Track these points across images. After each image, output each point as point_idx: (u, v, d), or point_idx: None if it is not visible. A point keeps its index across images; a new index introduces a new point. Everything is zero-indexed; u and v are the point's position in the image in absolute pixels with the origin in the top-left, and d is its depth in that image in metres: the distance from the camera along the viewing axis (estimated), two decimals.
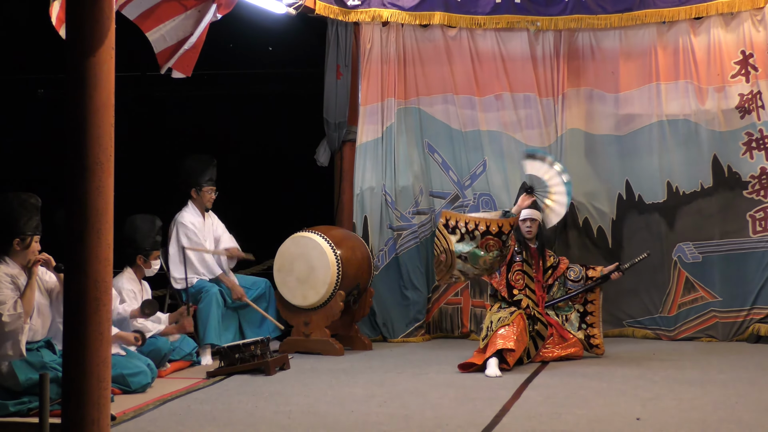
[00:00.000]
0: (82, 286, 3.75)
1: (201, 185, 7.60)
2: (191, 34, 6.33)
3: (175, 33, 6.35)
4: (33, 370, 5.43)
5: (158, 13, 6.25)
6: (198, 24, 6.33)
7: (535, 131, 8.32)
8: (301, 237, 7.59)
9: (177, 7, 6.32)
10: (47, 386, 3.88)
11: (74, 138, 3.76)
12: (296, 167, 9.41)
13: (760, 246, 7.98)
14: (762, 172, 7.98)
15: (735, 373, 6.61)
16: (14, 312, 5.37)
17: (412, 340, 8.22)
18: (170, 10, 6.31)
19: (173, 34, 6.34)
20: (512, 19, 8.26)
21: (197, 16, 6.33)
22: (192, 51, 6.38)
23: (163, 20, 6.28)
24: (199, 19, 6.32)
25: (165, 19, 6.28)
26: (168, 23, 6.30)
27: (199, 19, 6.32)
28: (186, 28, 6.33)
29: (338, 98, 8.42)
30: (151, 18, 6.25)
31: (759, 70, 7.96)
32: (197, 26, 6.33)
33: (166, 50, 6.36)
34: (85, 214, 3.75)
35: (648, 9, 8.09)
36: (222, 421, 5.36)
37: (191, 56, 6.41)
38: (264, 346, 6.76)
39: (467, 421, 5.28)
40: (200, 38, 6.39)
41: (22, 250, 5.58)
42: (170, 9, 6.31)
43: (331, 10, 8.21)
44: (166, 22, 6.29)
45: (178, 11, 6.33)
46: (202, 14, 6.33)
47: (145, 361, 6.22)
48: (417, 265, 8.35)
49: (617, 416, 5.38)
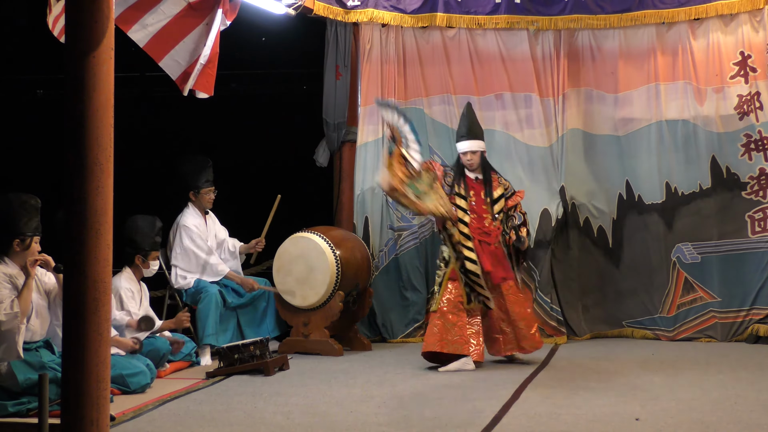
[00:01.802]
0: (82, 287, 3.75)
1: (199, 187, 7.60)
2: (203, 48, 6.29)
3: (188, 53, 6.32)
4: (32, 370, 5.43)
5: (166, 37, 6.21)
6: (207, 37, 6.30)
7: (535, 131, 8.33)
8: (300, 237, 7.59)
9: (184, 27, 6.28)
10: (46, 387, 3.89)
11: (73, 138, 3.76)
12: (295, 168, 9.41)
13: (759, 246, 7.98)
14: (761, 173, 7.98)
15: (734, 373, 6.61)
16: (11, 311, 5.37)
17: (412, 341, 8.22)
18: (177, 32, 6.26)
19: (186, 56, 6.29)
20: (512, 19, 8.27)
21: (206, 29, 6.29)
22: (209, 67, 6.32)
23: (173, 45, 6.25)
24: (207, 33, 6.29)
25: (174, 43, 6.25)
26: (179, 46, 6.27)
27: (207, 33, 6.29)
28: (198, 45, 6.29)
29: (337, 99, 8.42)
30: (160, 45, 6.20)
31: (758, 71, 7.97)
32: (207, 39, 6.29)
33: (183, 74, 6.33)
34: (84, 214, 3.75)
35: (647, 10, 8.11)
36: (221, 422, 5.36)
37: (209, 72, 6.35)
38: (263, 347, 6.77)
39: (466, 422, 5.28)
40: (213, 51, 6.32)
41: (21, 251, 5.59)
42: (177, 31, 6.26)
43: (331, 10, 8.21)
44: (176, 47, 6.26)
45: (186, 31, 6.29)
46: (209, 26, 6.28)
47: (144, 362, 6.22)
48: (417, 265, 8.36)
49: (616, 416, 5.38)
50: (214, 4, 6.32)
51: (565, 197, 8.23)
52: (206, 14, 6.36)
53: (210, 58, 6.34)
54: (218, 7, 6.32)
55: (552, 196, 8.22)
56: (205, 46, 6.28)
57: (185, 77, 6.32)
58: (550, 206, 8.18)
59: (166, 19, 6.18)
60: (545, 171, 8.32)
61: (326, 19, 8.28)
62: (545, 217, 8.16)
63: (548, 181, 8.28)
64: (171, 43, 6.25)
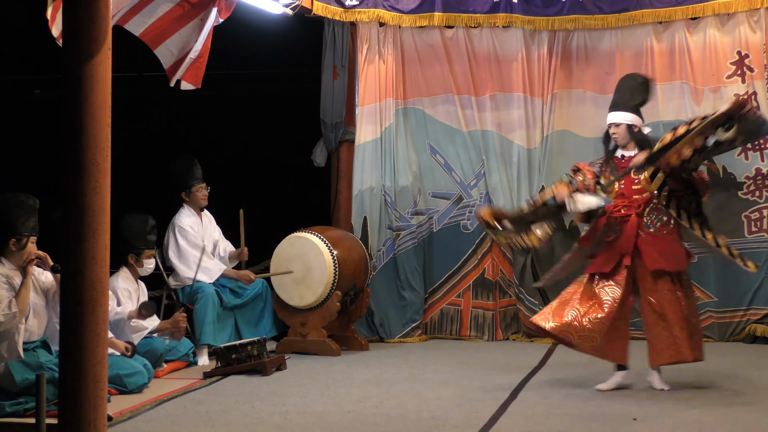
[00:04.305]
0: (79, 287, 3.75)
1: (190, 186, 7.61)
2: (195, 42, 6.32)
3: (181, 45, 6.35)
4: (29, 370, 5.42)
5: (163, 27, 6.25)
6: (201, 32, 6.32)
7: (527, 131, 8.33)
8: (297, 237, 7.59)
9: (180, 19, 6.31)
10: (44, 387, 3.88)
11: (71, 138, 3.76)
12: (293, 168, 9.41)
13: (755, 246, 7.98)
14: (757, 173, 7.99)
15: (731, 373, 6.61)
16: (9, 311, 5.36)
17: (409, 341, 8.22)
18: (173, 23, 6.30)
19: (179, 47, 6.34)
20: (510, 19, 8.28)
21: (200, 24, 6.32)
22: (199, 61, 6.37)
23: (169, 34, 6.28)
24: (201, 27, 6.32)
25: (170, 33, 6.28)
26: (174, 37, 6.30)
27: (201, 27, 6.32)
28: (190, 39, 6.32)
29: (335, 99, 8.42)
30: (156, 33, 6.25)
31: (755, 71, 7.97)
32: (200, 34, 6.32)
33: (175, 64, 6.35)
34: (81, 214, 3.75)
35: (644, 9, 8.10)
36: (218, 422, 5.36)
37: (198, 66, 6.40)
38: (261, 347, 6.76)
39: (464, 422, 5.28)
40: (205, 46, 6.37)
41: (18, 251, 5.58)
42: (173, 22, 6.30)
43: (329, 10, 8.20)
44: (171, 36, 6.29)
45: (181, 24, 6.33)
46: (204, 22, 6.32)
47: (141, 362, 6.22)
48: (414, 265, 8.36)
49: (614, 416, 5.39)
50: (209, 1, 6.34)
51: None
52: (202, 10, 6.39)
53: (201, 52, 6.37)
54: (213, 4, 6.34)
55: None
56: (197, 41, 6.31)
57: (175, 68, 6.35)
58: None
59: (162, 11, 6.22)
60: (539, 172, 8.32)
61: (324, 18, 8.28)
62: None
63: (539, 183, 8.28)
64: (167, 34, 6.30)
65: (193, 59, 6.32)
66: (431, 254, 8.45)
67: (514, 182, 8.29)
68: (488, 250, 8.37)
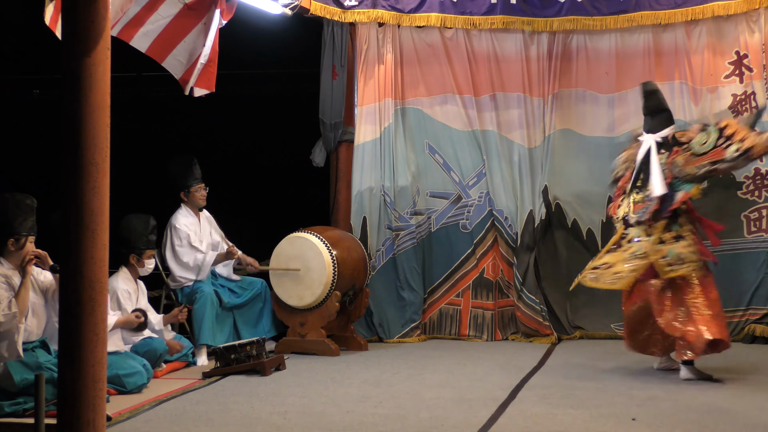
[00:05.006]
0: (78, 287, 3.75)
1: (188, 186, 7.61)
2: (203, 47, 6.31)
3: (188, 52, 6.33)
4: (28, 370, 5.42)
5: (167, 39, 6.23)
6: (207, 36, 6.31)
7: (528, 131, 8.33)
8: (296, 237, 7.59)
9: (183, 27, 6.29)
10: (43, 387, 3.88)
11: (70, 138, 3.76)
12: (292, 168, 9.42)
13: (755, 246, 7.99)
14: (756, 172, 7.99)
15: (731, 373, 6.61)
16: (9, 312, 5.36)
17: (408, 341, 8.22)
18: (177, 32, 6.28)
19: (186, 55, 6.32)
20: (507, 20, 8.28)
21: (204, 29, 6.31)
22: (210, 65, 6.35)
23: (174, 44, 6.27)
24: (206, 32, 6.30)
25: (175, 43, 6.27)
26: (179, 46, 6.29)
27: (206, 32, 6.30)
28: (197, 45, 6.31)
29: (334, 99, 8.42)
30: (161, 46, 6.23)
31: (754, 71, 7.97)
32: (206, 39, 6.31)
33: (186, 72, 6.34)
34: (80, 214, 3.75)
35: (644, 11, 8.10)
36: (218, 422, 5.36)
37: (210, 70, 6.38)
38: (260, 347, 6.76)
39: (463, 422, 5.28)
40: (213, 50, 6.35)
41: (16, 251, 5.58)
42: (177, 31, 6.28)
43: (328, 10, 8.21)
44: (177, 46, 6.28)
45: (185, 31, 6.31)
46: (208, 26, 6.30)
47: (140, 362, 6.22)
48: (414, 265, 8.35)
49: (613, 416, 5.39)
50: (211, 3, 6.33)
51: (547, 197, 8.25)
52: (204, 14, 6.37)
53: (210, 57, 6.36)
54: (215, 6, 6.32)
55: (539, 196, 8.26)
56: (205, 45, 6.30)
57: (187, 76, 6.34)
58: (535, 206, 8.22)
59: (165, 22, 6.20)
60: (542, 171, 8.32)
61: (323, 18, 8.28)
62: (532, 217, 8.21)
63: (541, 182, 8.29)
64: (172, 44, 6.28)
65: (203, 64, 6.31)
66: (430, 254, 8.45)
67: (516, 181, 8.31)
68: (487, 250, 8.37)
